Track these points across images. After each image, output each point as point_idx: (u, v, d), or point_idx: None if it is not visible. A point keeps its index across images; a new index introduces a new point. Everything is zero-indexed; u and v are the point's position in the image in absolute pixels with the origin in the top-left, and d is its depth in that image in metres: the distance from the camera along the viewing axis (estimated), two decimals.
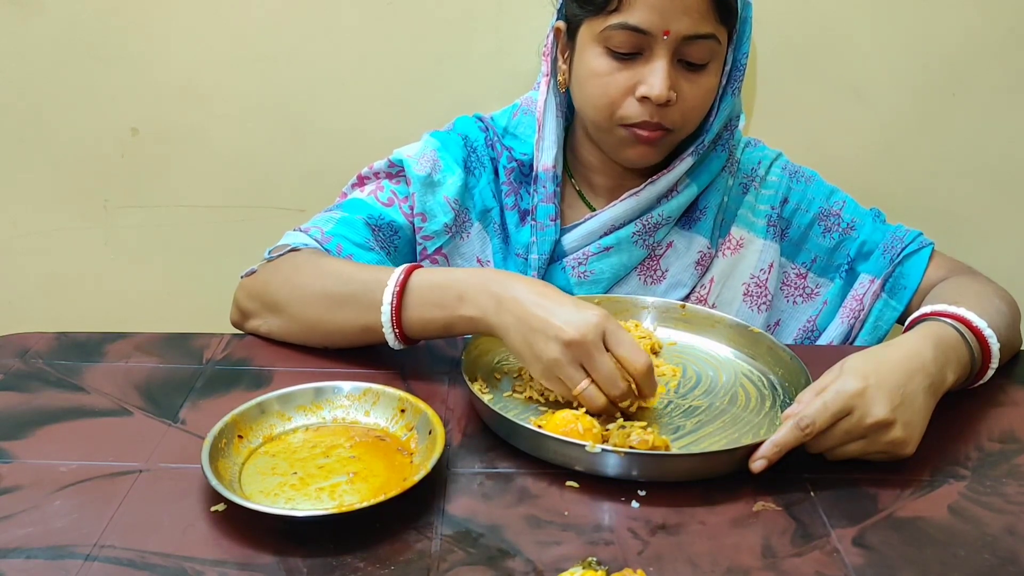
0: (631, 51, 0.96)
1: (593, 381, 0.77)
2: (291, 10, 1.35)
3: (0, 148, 1.41)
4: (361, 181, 1.10)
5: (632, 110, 0.98)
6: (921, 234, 1.08)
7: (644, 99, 0.96)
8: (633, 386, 0.78)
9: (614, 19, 0.94)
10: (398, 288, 0.84)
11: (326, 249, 1.00)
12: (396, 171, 1.08)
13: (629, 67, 0.96)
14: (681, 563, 0.65)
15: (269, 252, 0.99)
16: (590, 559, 0.63)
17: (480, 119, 1.14)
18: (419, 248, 1.08)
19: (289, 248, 0.98)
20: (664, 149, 1.03)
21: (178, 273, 1.49)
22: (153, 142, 1.42)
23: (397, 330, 0.85)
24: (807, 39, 1.37)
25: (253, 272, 0.98)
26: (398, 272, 0.85)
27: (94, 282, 1.50)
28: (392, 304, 0.84)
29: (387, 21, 1.36)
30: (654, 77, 0.95)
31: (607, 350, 0.77)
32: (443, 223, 1.07)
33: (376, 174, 1.09)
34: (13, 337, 0.94)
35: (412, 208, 1.06)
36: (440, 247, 1.08)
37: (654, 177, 1.05)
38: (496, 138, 1.12)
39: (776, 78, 1.38)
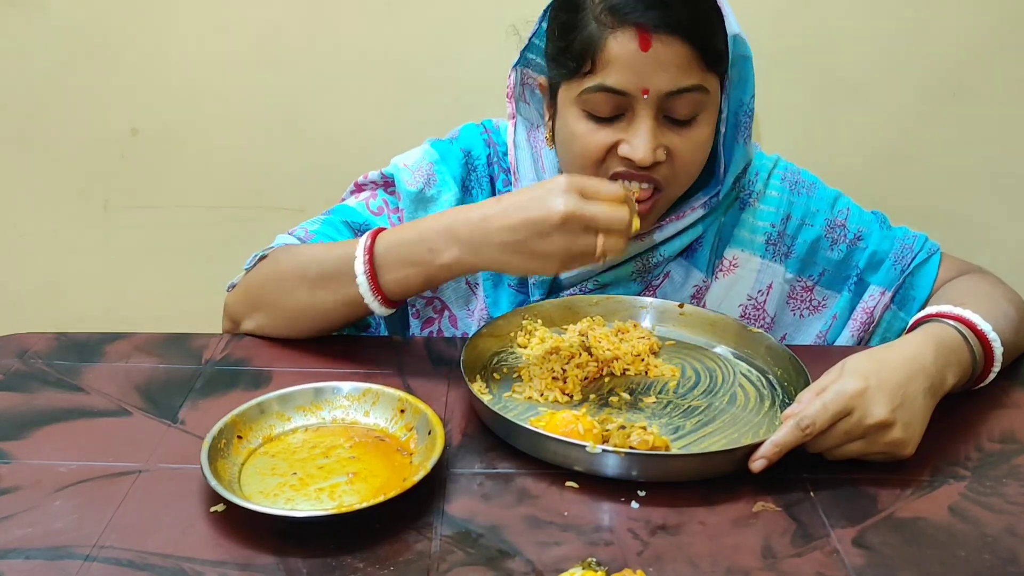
0: (612, 114, 0.91)
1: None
2: (291, 10, 1.35)
3: (0, 148, 1.41)
4: (358, 188, 1.09)
5: (616, 164, 0.93)
6: (927, 238, 1.06)
7: (628, 159, 0.92)
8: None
9: (589, 81, 0.90)
10: (367, 255, 0.85)
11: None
12: (389, 182, 1.06)
13: (610, 125, 0.92)
14: (681, 563, 0.65)
15: (251, 260, 0.98)
16: (590, 559, 0.63)
17: (487, 129, 1.09)
18: None
19: (270, 248, 0.99)
20: (656, 214, 0.99)
21: (178, 273, 1.49)
22: (153, 142, 1.42)
23: (379, 296, 0.86)
24: (807, 39, 1.37)
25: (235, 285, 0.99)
26: (364, 239, 0.86)
27: (94, 282, 1.50)
28: (366, 272, 0.85)
29: (387, 21, 1.36)
30: (637, 139, 0.90)
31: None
32: None
33: (372, 183, 1.07)
34: (13, 337, 0.94)
35: (401, 221, 1.04)
36: None
37: (661, 223, 1.01)
38: (497, 158, 1.08)
39: (776, 79, 1.38)
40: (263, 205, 1.46)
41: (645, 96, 0.89)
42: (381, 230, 0.87)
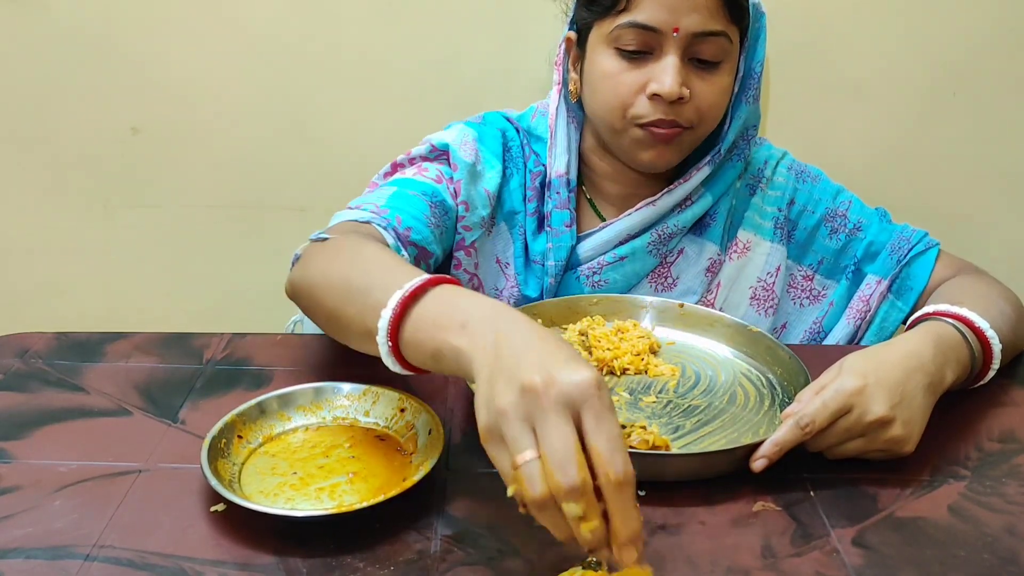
0: (641, 49, 0.95)
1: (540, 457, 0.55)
2: (292, 10, 1.35)
3: (0, 148, 1.41)
4: (395, 168, 1.06)
5: (644, 108, 0.97)
6: (927, 234, 1.07)
7: (655, 96, 0.95)
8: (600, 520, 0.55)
9: (623, 18, 0.94)
10: (408, 294, 0.67)
11: (383, 221, 0.92)
12: (439, 155, 1.05)
13: (640, 66, 0.96)
14: (681, 563, 0.65)
15: (319, 233, 0.89)
16: (590, 559, 0.63)
17: (508, 118, 1.11)
18: (458, 237, 1.05)
19: (347, 221, 0.91)
20: (681, 150, 1.01)
21: (178, 273, 1.49)
22: (153, 142, 1.42)
23: (391, 343, 0.67)
24: (808, 39, 1.37)
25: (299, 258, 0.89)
26: (420, 278, 0.68)
27: (94, 282, 1.50)
28: (395, 311, 0.66)
29: (388, 21, 1.36)
30: (665, 74, 0.94)
31: (579, 429, 0.55)
32: (481, 216, 1.05)
33: (413, 160, 1.05)
34: (13, 337, 0.94)
35: (457, 193, 1.03)
36: (475, 240, 1.06)
37: (671, 186, 1.05)
38: (526, 139, 1.10)
39: (777, 78, 1.38)
40: (264, 205, 1.46)
41: (675, 34, 0.93)
42: (443, 279, 0.69)
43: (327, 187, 1.24)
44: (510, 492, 0.55)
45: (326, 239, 0.86)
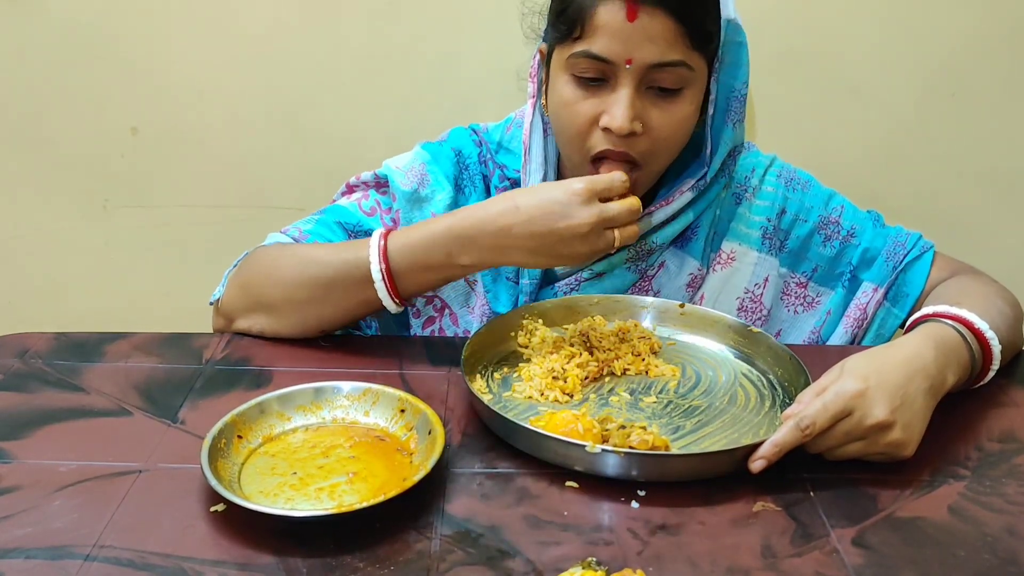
0: (596, 77, 0.92)
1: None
2: (291, 10, 1.35)
3: (0, 148, 1.41)
4: (350, 189, 1.09)
5: (598, 140, 0.94)
6: (921, 236, 1.07)
7: (608, 129, 0.93)
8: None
9: (578, 47, 0.91)
10: (383, 261, 0.88)
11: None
12: (382, 182, 1.07)
13: (595, 95, 0.93)
14: (681, 563, 0.65)
15: (239, 260, 0.99)
16: (590, 559, 0.63)
17: (475, 132, 1.11)
18: None
19: (260, 246, 0.99)
20: (636, 192, 0.97)
21: (178, 273, 1.49)
22: (153, 142, 1.42)
23: (396, 298, 0.90)
24: (807, 41, 1.37)
25: (219, 298, 0.99)
26: (375, 243, 0.89)
27: (94, 282, 1.50)
28: (383, 277, 0.89)
29: (387, 22, 1.36)
30: (616, 108, 0.91)
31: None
32: None
33: (365, 183, 1.08)
34: (13, 337, 0.94)
35: (396, 222, 1.05)
36: None
37: (651, 208, 1.01)
38: (490, 154, 1.09)
39: (776, 80, 1.38)
40: (263, 205, 1.46)
41: (628, 66, 0.90)
42: (389, 232, 0.90)
43: (327, 187, 1.24)
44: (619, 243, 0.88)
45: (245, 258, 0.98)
